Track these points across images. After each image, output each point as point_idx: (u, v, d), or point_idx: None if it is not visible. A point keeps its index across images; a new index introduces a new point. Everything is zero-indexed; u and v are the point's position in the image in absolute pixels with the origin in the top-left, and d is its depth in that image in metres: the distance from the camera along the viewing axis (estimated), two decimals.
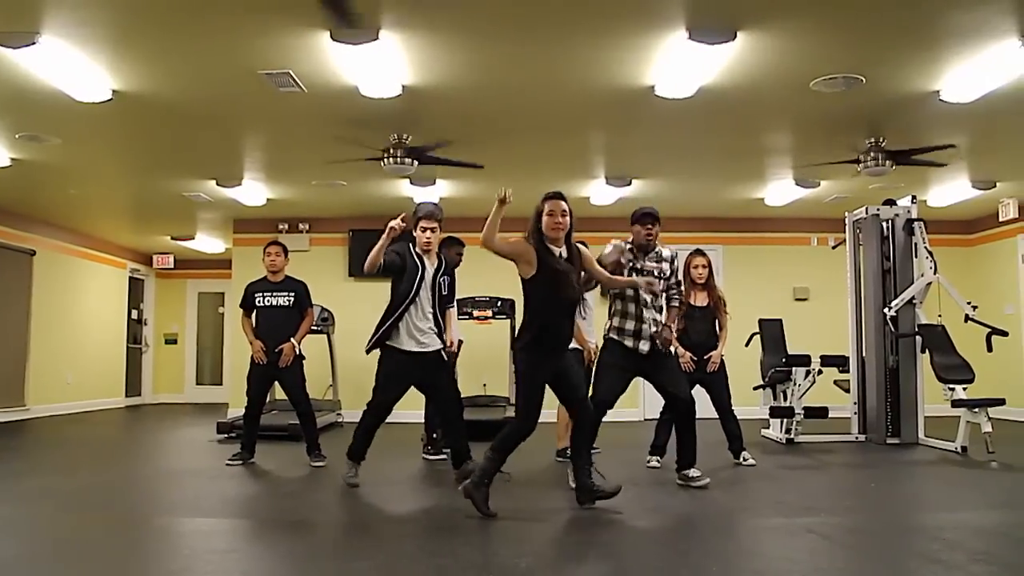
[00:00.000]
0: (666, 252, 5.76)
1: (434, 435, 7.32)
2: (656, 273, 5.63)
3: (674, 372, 5.74)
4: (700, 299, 6.98)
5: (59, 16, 5.05)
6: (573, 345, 6.68)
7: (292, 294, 7.09)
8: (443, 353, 5.91)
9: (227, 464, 6.86)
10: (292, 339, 6.97)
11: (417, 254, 5.85)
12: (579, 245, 5.10)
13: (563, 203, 4.96)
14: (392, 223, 5.48)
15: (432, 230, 5.85)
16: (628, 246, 5.75)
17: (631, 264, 5.68)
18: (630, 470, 6.42)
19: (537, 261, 4.88)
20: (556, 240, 4.95)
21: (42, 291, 11.86)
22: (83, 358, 13.01)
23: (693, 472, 5.69)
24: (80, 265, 13.10)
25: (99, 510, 5.14)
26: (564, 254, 4.98)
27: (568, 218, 4.97)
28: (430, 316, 5.81)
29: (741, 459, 6.87)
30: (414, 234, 5.85)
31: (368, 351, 5.85)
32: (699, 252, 7.10)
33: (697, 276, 6.97)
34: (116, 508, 5.24)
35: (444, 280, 5.96)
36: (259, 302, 7.09)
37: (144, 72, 6.07)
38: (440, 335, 5.88)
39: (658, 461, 6.78)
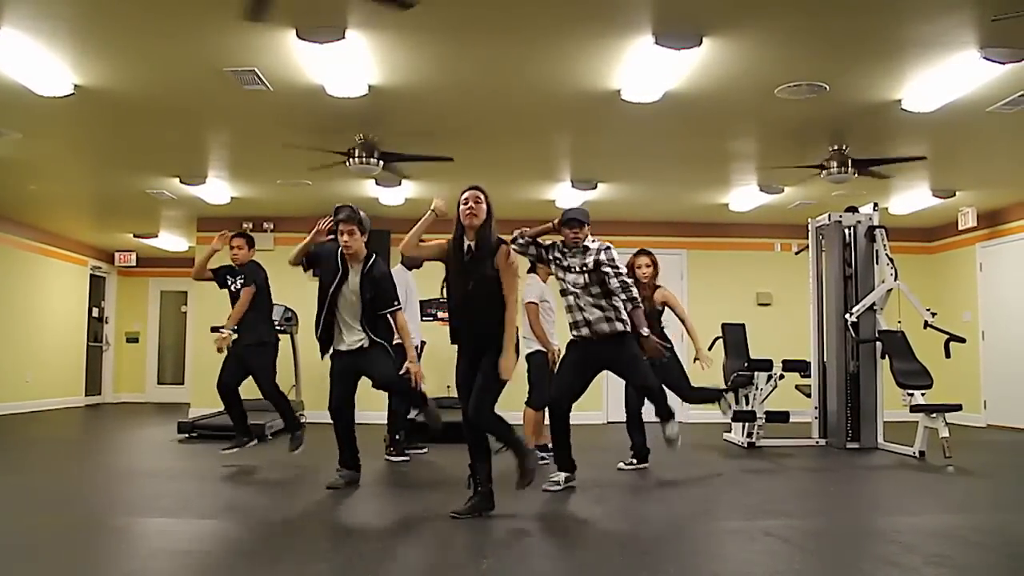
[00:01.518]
0: (593, 245, 5.76)
1: (396, 436, 7.30)
2: (578, 268, 5.69)
3: (634, 361, 5.76)
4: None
5: (19, 8, 4.98)
6: (536, 347, 6.72)
7: (242, 277, 7.01)
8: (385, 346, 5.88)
9: (223, 452, 6.88)
10: (223, 327, 6.90)
11: (341, 256, 5.80)
12: (502, 244, 5.04)
13: (478, 192, 4.98)
14: (320, 224, 5.71)
15: (349, 233, 5.68)
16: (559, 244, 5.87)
17: (558, 262, 5.78)
18: (595, 472, 6.43)
19: (445, 256, 4.91)
20: (469, 230, 4.95)
21: (0, 288, 11.68)
22: (42, 356, 12.81)
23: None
24: (40, 262, 12.90)
25: (56, 510, 5.07)
26: (473, 247, 4.94)
27: (481, 205, 4.96)
28: (357, 322, 5.78)
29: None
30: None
31: (323, 358, 5.92)
32: (643, 252, 7.15)
33: (641, 275, 6.99)
34: (73, 508, 5.17)
35: (369, 283, 5.79)
36: (230, 286, 7.02)
37: (107, 66, 5.99)
38: (375, 339, 5.81)
39: (632, 463, 6.79)
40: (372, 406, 6.73)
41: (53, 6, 4.99)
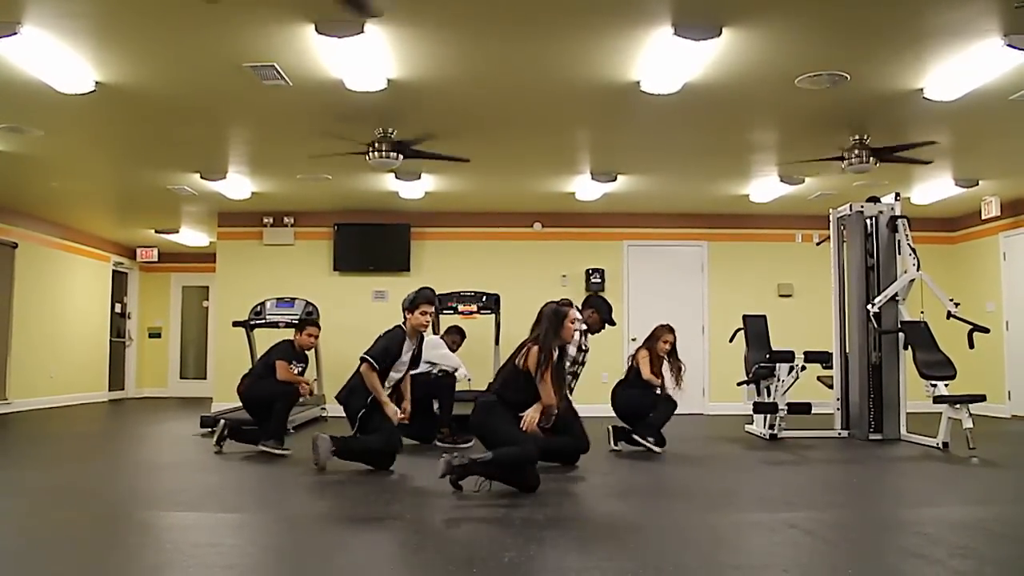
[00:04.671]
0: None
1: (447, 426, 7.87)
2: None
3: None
4: None
5: (41, 6, 5.01)
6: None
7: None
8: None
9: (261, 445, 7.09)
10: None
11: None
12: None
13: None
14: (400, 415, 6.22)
15: (430, 315, 6.33)
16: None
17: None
18: (615, 465, 6.42)
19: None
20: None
21: (24, 284, 11.78)
22: (66, 352, 12.93)
23: None
24: (63, 258, 13.01)
25: (81, 504, 5.11)
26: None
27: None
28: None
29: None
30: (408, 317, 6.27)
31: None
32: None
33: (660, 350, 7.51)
34: (98, 502, 5.21)
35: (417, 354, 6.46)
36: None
37: (128, 64, 6.03)
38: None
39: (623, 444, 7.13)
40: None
41: (74, 4, 5.02)
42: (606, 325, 7.17)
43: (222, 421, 7.44)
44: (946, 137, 7.78)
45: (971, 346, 7.76)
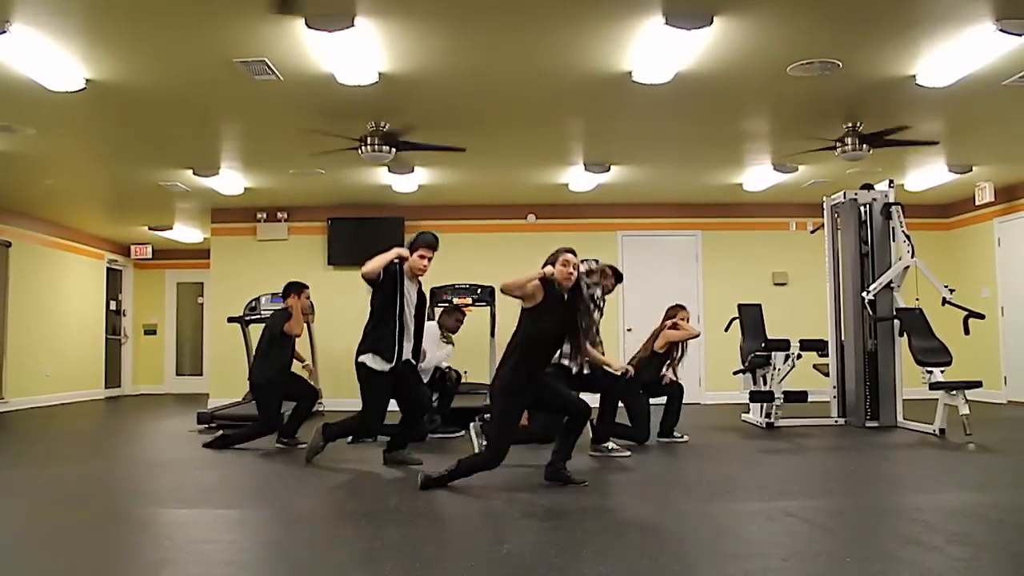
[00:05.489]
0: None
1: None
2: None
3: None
4: None
5: (31, 4, 4.99)
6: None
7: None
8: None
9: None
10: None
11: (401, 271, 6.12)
12: None
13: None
14: (401, 251, 6.07)
15: (429, 259, 6.18)
16: None
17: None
18: (611, 458, 6.43)
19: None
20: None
21: (19, 283, 11.76)
22: (62, 350, 12.91)
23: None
24: (57, 256, 12.99)
25: (78, 502, 5.11)
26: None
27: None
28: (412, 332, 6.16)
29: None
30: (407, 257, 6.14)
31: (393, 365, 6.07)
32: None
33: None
34: (96, 500, 5.21)
35: (420, 298, 6.34)
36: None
37: (118, 61, 6.00)
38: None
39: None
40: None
41: (64, 2, 5.00)
42: (616, 284, 7.02)
43: (220, 433, 7.49)
44: (939, 123, 7.78)
45: (966, 332, 7.78)
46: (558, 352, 5.74)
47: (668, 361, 7.60)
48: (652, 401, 7.28)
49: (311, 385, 7.62)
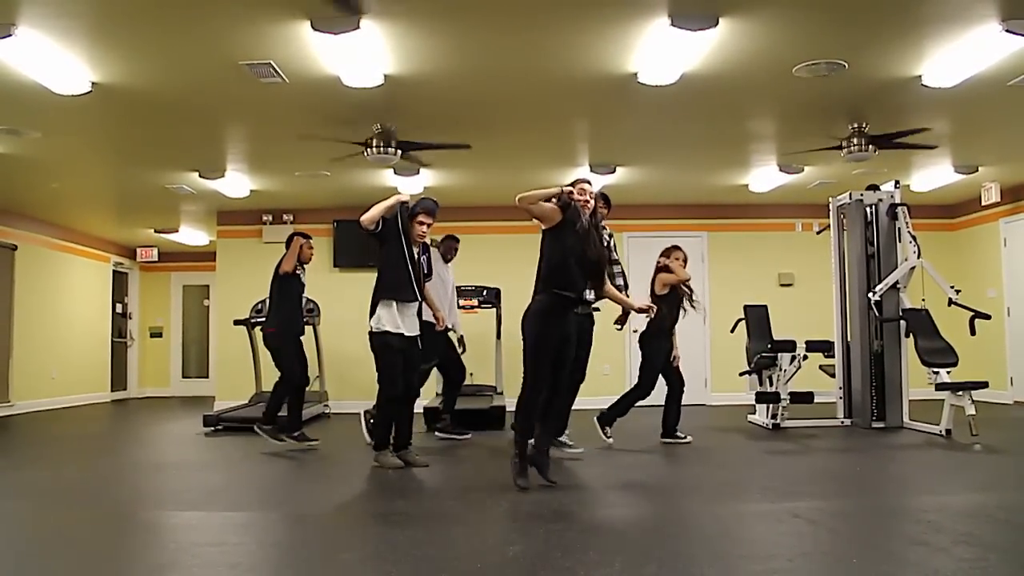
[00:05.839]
0: None
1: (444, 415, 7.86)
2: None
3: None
4: None
5: (36, 7, 5.00)
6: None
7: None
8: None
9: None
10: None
11: (403, 225, 6.19)
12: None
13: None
14: (400, 197, 6.10)
15: (428, 225, 6.27)
16: None
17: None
18: (619, 455, 6.43)
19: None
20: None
21: (25, 286, 11.78)
22: (67, 353, 12.93)
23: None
24: (63, 259, 13.01)
25: (85, 504, 5.12)
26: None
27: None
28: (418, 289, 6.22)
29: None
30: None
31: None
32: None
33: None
34: (102, 502, 5.22)
35: (426, 261, 6.53)
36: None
37: (124, 64, 6.01)
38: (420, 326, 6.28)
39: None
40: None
41: (69, 5, 5.01)
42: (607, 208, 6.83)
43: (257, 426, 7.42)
44: (945, 124, 7.77)
45: (972, 333, 7.77)
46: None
47: (680, 302, 7.45)
48: (648, 401, 7.25)
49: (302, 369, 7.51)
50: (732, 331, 9.45)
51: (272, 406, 7.21)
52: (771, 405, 8.36)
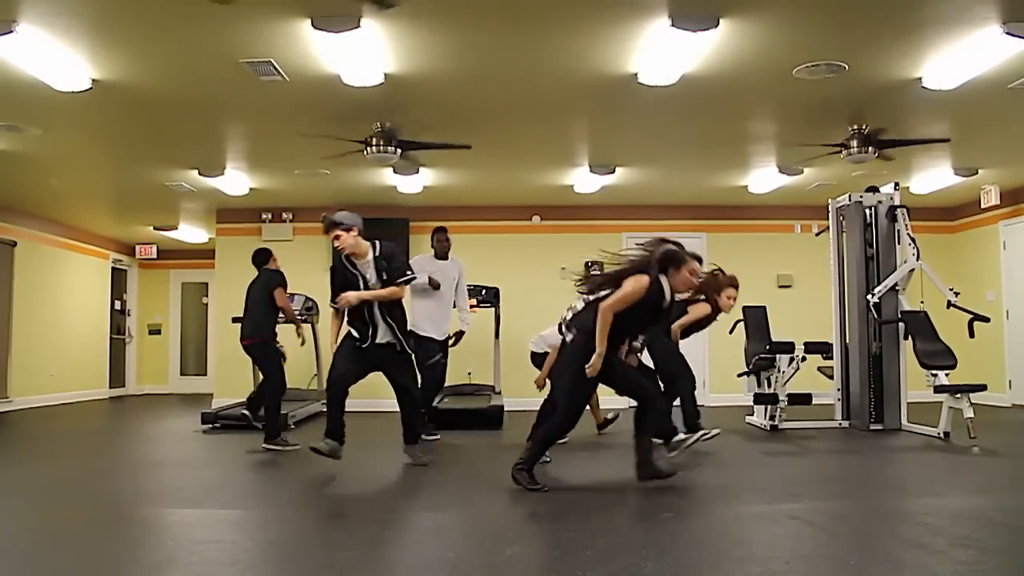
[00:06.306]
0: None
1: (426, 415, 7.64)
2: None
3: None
4: None
5: (37, 4, 5.00)
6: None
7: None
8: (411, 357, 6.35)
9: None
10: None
11: (349, 261, 6.10)
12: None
13: None
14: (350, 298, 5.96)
15: (336, 238, 6.04)
16: None
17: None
18: (616, 457, 6.42)
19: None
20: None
21: (24, 282, 11.78)
22: (66, 349, 12.93)
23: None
24: (62, 256, 13.01)
25: (83, 501, 5.11)
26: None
27: None
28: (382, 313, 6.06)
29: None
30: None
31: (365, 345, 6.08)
32: None
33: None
34: (100, 499, 5.22)
35: (381, 266, 6.07)
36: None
37: (124, 61, 6.01)
38: (403, 342, 6.18)
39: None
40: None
41: (70, 2, 5.01)
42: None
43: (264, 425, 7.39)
44: (945, 126, 7.77)
45: (971, 335, 7.77)
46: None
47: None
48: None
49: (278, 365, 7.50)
50: (731, 332, 9.44)
51: (270, 421, 7.17)
52: (769, 406, 8.36)
